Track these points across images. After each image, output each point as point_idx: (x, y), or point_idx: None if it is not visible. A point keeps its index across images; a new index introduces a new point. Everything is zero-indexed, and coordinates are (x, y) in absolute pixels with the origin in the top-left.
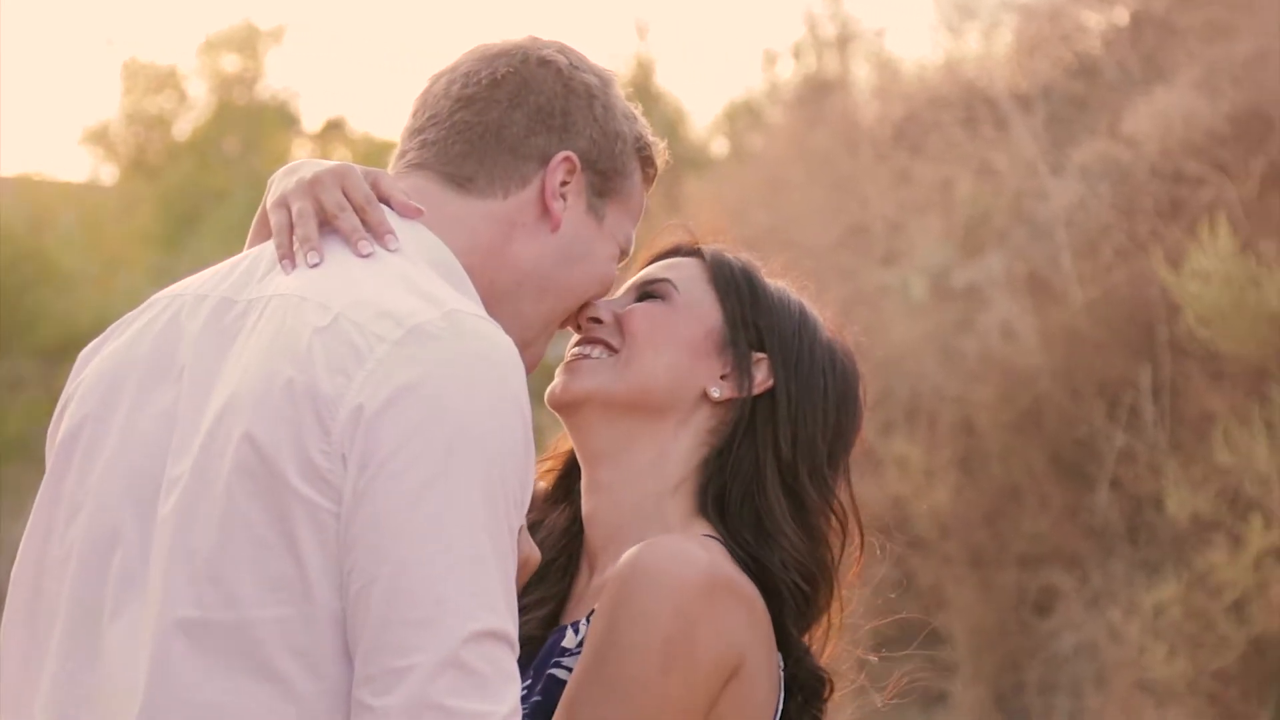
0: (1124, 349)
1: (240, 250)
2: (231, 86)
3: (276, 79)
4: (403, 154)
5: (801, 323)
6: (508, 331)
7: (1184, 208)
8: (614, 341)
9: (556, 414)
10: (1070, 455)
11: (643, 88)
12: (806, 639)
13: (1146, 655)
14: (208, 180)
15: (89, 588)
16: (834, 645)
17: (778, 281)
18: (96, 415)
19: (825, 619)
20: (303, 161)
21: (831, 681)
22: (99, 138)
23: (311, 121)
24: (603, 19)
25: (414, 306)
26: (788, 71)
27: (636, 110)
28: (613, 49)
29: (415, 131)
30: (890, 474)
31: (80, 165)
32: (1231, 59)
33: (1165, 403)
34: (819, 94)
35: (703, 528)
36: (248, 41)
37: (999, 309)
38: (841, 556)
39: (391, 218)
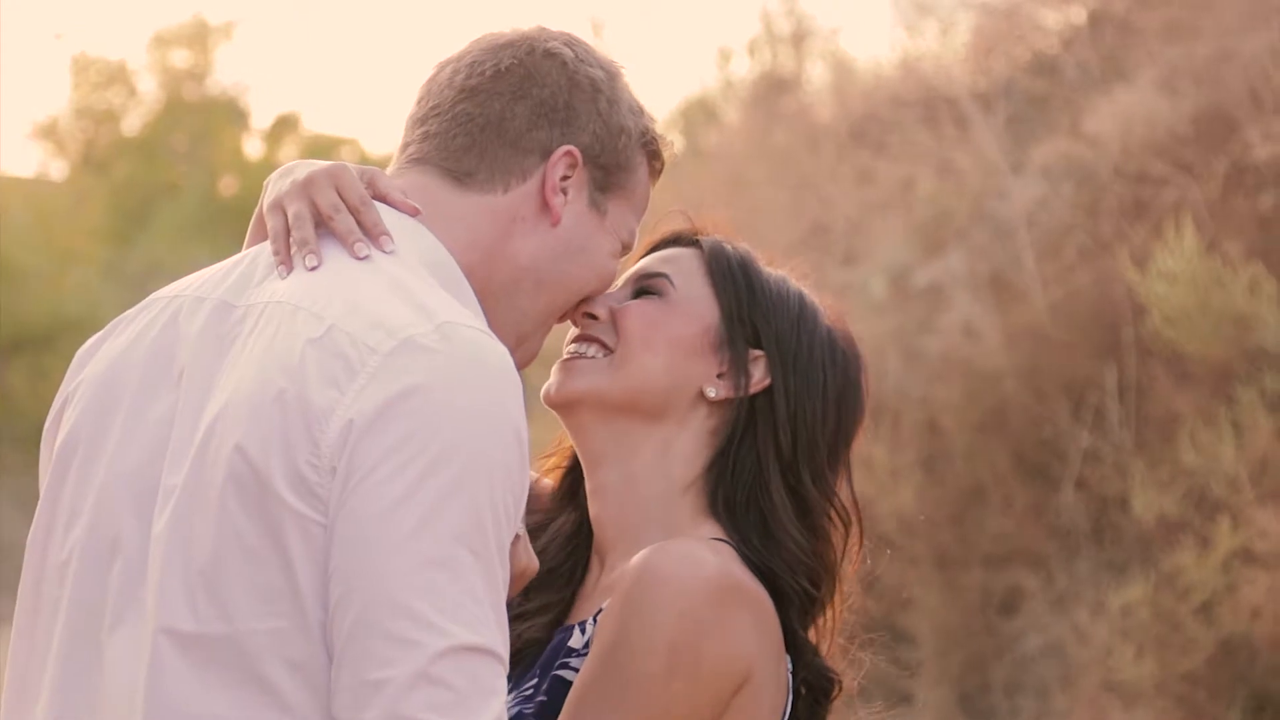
0: (1088, 349)
1: (191, 247)
2: (181, 82)
3: (227, 74)
4: (405, 145)
5: (800, 316)
6: (505, 326)
7: (1147, 208)
8: (609, 340)
9: (554, 412)
10: (1035, 456)
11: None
12: (813, 634)
13: (1114, 656)
14: (158, 175)
15: (89, 596)
16: (834, 643)
17: (778, 270)
18: (95, 419)
19: (827, 614)
20: (298, 163)
21: (840, 681)
22: (48, 133)
23: (262, 117)
24: (557, 15)
25: (407, 318)
26: (743, 69)
27: (643, 103)
28: None
29: (418, 121)
30: (855, 474)
31: (29, 160)
32: (1192, 59)
33: (1131, 403)
34: (775, 92)
35: (712, 529)
36: (198, 36)
37: (961, 309)
38: (844, 553)
39: (390, 215)
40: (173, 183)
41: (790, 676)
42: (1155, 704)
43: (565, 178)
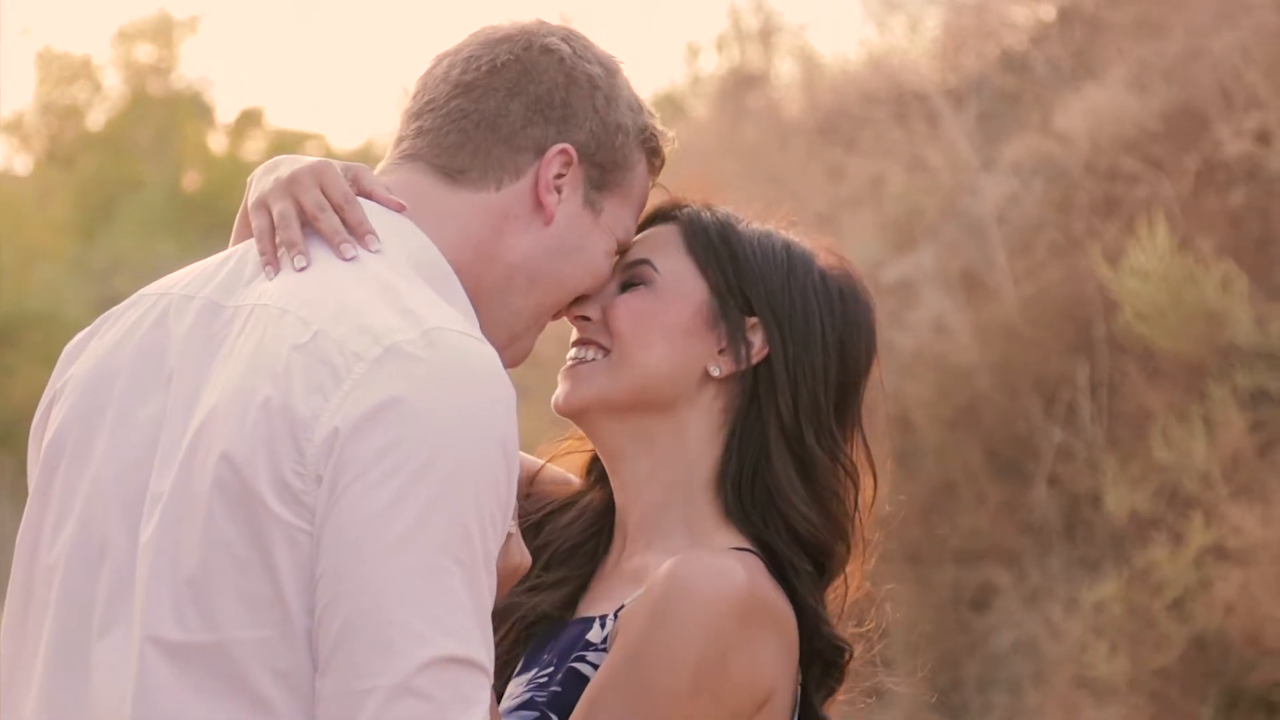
0: (1061, 346)
1: (156, 242)
2: (146, 77)
3: (191, 69)
4: (399, 140)
5: (790, 270)
6: (497, 324)
7: (1119, 205)
8: (604, 341)
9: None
10: (1007, 452)
11: None
12: (829, 592)
13: (1087, 653)
14: (122, 170)
15: (78, 600)
16: (854, 598)
17: (763, 225)
18: (83, 418)
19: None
20: (281, 159)
21: (851, 649)
22: (13, 128)
23: (226, 112)
24: (525, 10)
25: (393, 324)
26: (711, 65)
27: (643, 98)
28: None
29: (413, 115)
30: None
31: None
32: (1163, 56)
33: (1103, 400)
34: (743, 88)
35: (730, 536)
36: (162, 31)
37: (932, 305)
38: (856, 506)
39: (379, 213)
40: (137, 178)
41: (799, 689)
42: (1128, 700)
43: (560, 176)
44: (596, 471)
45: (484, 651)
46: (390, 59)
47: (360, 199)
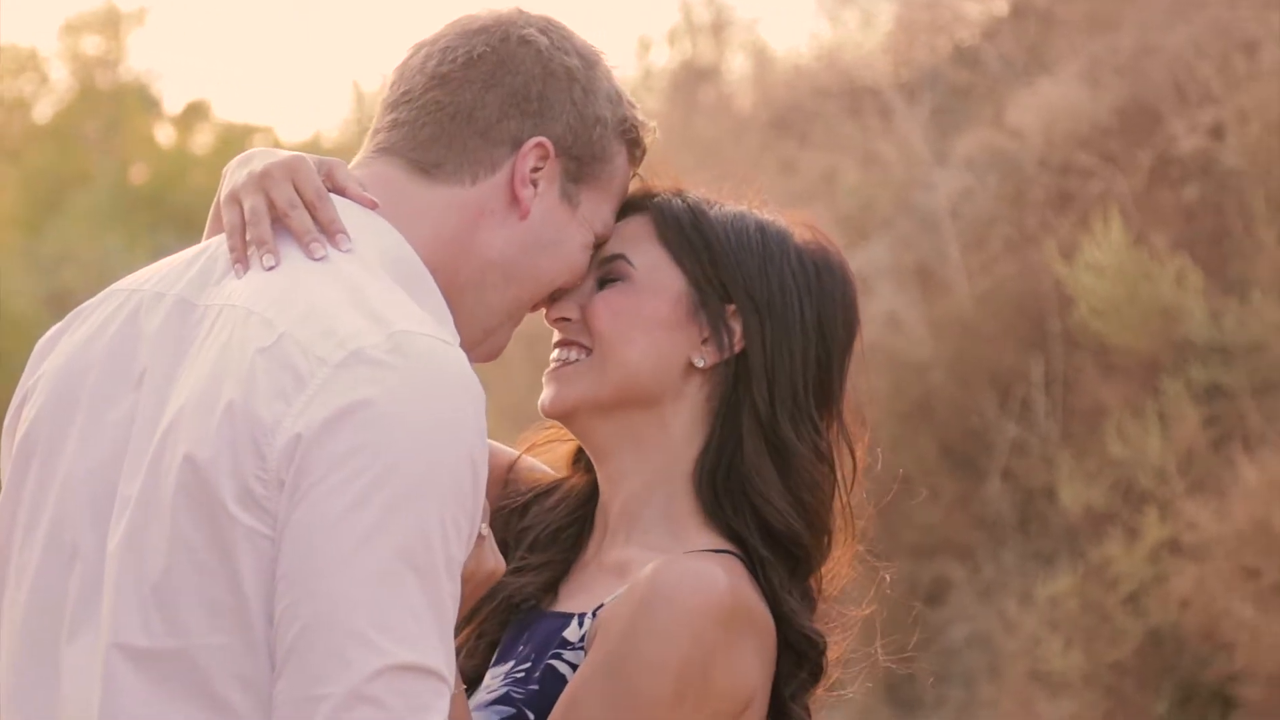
0: (1015, 341)
1: (103, 235)
2: (93, 69)
3: (138, 61)
4: (374, 132)
5: (765, 253)
6: (472, 319)
7: (1073, 200)
8: (585, 340)
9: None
10: (961, 446)
11: None
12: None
13: (1041, 647)
14: (69, 163)
15: (47, 603)
16: (838, 587)
17: (736, 207)
18: (54, 417)
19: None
20: (255, 151)
21: (825, 643)
22: None
23: (173, 104)
24: (477, 4)
25: (358, 327)
26: (663, 59)
27: (624, 89)
28: None
29: (389, 106)
30: None
31: None
32: (1115, 51)
33: (1057, 395)
34: (695, 82)
35: (708, 535)
36: (109, 23)
37: (886, 299)
38: (835, 493)
39: (351, 210)
40: (85, 170)
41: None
42: (1082, 695)
43: (536, 169)
44: (584, 460)
45: (443, 659)
46: (338, 52)
47: (333, 195)
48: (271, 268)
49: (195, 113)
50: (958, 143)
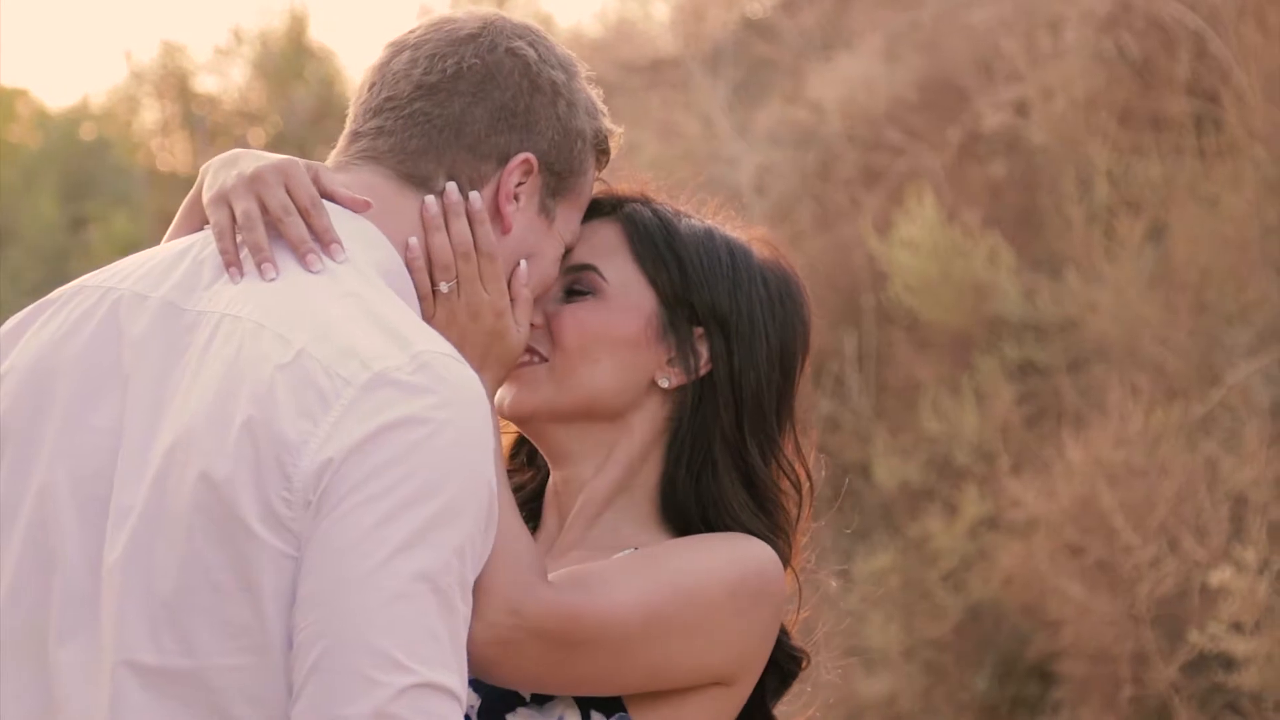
0: (826, 317)
1: None
2: None
3: None
4: (355, 135)
5: (735, 278)
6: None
7: (881, 176)
8: (543, 348)
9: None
10: None
11: (296, 42)
12: None
13: (862, 623)
14: None
15: (27, 603)
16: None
17: (701, 222)
18: (28, 414)
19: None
20: (241, 152)
21: (808, 656)
22: None
23: None
24: None
25: (379, 347)
26: None
27: (599, 97)
28: (265, 1)
29: (371, 112)
30: None
31: None
32: (916, 27)
33: (871, 371)
34: None
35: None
36: None
37: None
38: (798, 512)
39: (341, 216)
40: None
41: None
42: (902, 670)
43: (519, 184)
44: (524, 453)
45: (458, 679)
46: (105, 15)
47: (324, 200)
48: (273, 279)
49: (14, 97)
50: (758, 116)
